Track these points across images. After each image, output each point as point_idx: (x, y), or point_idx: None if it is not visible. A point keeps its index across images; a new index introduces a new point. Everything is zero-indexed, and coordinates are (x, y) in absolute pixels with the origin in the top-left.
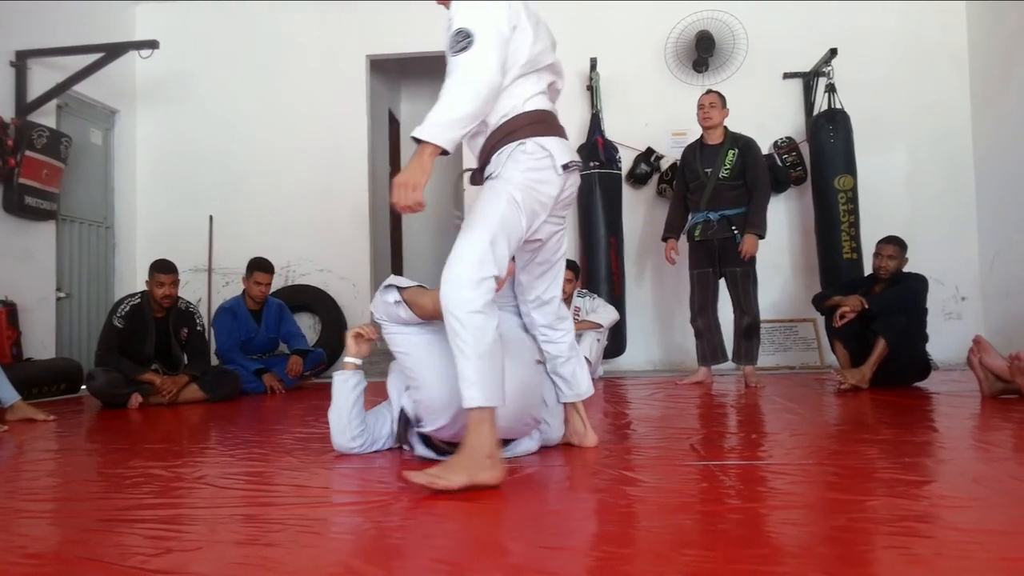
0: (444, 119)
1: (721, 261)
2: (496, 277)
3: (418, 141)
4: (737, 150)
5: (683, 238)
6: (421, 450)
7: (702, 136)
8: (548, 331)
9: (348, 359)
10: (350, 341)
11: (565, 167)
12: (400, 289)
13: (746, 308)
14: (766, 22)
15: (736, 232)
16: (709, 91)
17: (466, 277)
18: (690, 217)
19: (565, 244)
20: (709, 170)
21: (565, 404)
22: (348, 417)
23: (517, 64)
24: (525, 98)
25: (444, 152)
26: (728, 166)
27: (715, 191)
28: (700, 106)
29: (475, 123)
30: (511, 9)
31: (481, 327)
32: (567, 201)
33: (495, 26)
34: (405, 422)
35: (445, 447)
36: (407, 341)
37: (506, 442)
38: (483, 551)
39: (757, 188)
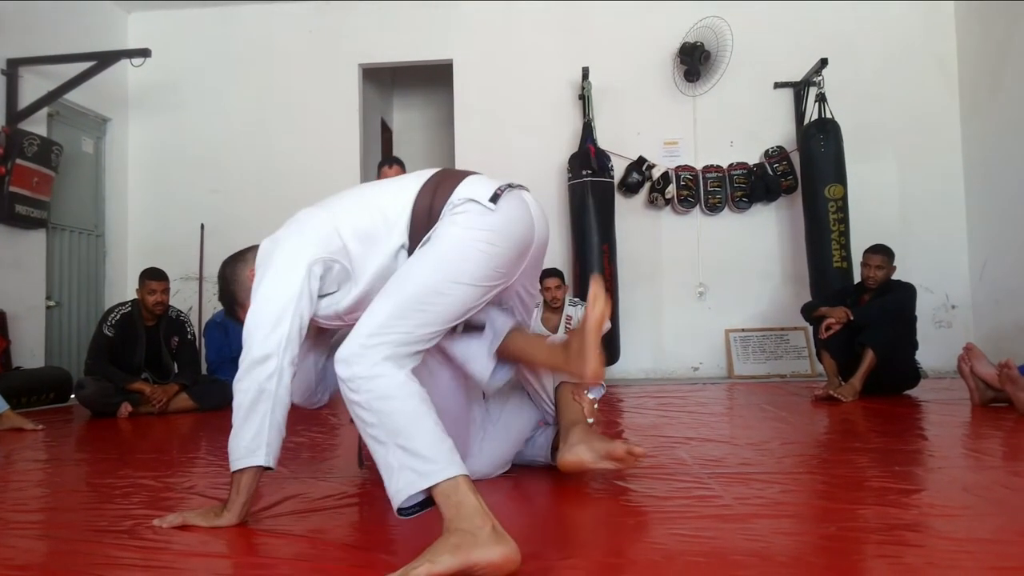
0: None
1: None
2: (391, 353)
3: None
4: None
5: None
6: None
7: None
8: None
9: None
10: None
11: (494, 198)
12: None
13: None
14: (757, 32)
15: None
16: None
17: (346, 351)
18: None
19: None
20: None
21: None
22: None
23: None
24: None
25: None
26: None
27: None
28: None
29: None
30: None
31: (383, 395)
32: (538, 247)
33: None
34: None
35: None
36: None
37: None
38: None
39: None
